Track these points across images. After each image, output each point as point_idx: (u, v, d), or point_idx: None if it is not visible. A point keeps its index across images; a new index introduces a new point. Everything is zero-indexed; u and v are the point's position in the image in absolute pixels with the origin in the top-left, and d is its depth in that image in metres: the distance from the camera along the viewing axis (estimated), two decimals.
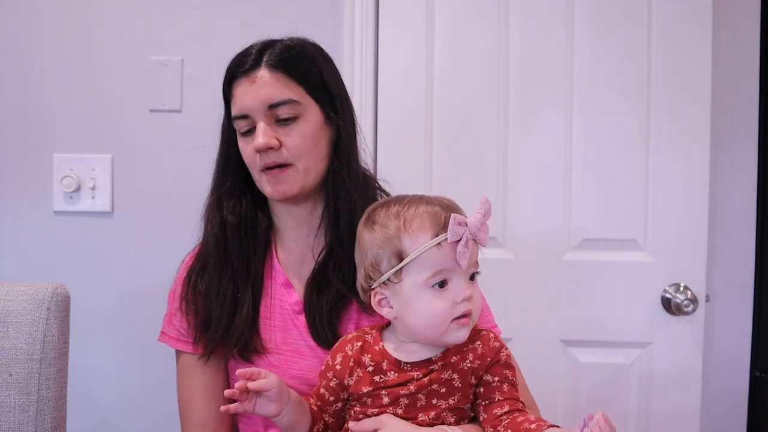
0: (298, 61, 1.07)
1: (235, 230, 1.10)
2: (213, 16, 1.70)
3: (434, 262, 0.89)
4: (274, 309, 1.11)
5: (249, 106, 1.05)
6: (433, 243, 0.88)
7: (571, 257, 1.66)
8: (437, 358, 0.92)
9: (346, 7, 1.68)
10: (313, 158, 1.07)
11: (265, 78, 1.04)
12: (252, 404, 0.91)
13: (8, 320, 1.08)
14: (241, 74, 1.06)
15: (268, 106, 1.04)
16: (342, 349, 0.97)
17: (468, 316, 0.90)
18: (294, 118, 1.05)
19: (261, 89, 1.04)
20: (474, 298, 0.91)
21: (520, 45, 1.66)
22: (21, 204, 1.71)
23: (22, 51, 1.70)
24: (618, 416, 1.65)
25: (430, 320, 0.90)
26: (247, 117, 1.06)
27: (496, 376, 0.92)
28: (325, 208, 1.10)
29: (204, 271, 1.11)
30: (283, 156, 1.05)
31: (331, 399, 0.97)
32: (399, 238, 0.90)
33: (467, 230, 0.88)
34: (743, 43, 1.69)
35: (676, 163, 1.63)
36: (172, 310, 1.14)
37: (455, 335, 0.90)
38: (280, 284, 1.12)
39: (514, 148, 1.66)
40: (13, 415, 1.06)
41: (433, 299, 0.89)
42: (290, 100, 1.04)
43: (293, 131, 1.05)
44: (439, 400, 0.91)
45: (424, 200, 0.93)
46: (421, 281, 0.89)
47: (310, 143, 1.06)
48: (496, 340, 0.95)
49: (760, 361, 1.71)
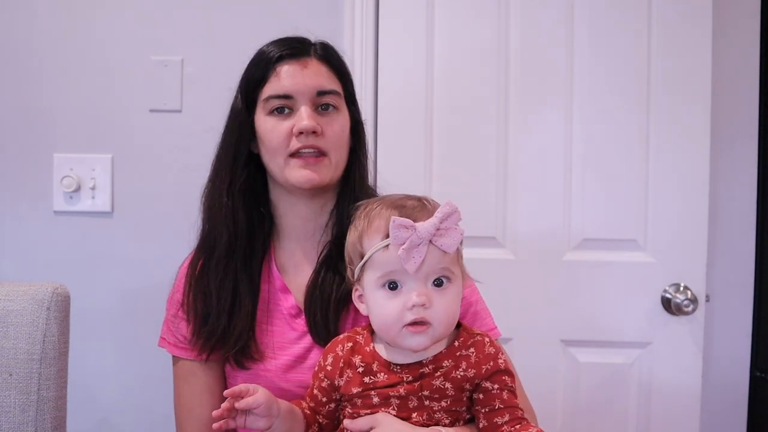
0: (341, 61, 1.12)
1: (237, 229, 1.09)
2: (213, 16, 1.70)
3: (383, 264, 0.88)
4: (271, 314, 1.11)
5: (298, 88, 1.06)
6: (380, 246, 0.88)
7: (571, 257, 1.66)
8: (428, 362, 0.90)
9: (346, 7, 1.68)
10: (343, 153, 1.09)
11: (315, 66, 1.08)
12: (243, 420, 0.91)
13: (8, 320, 1.08)
14: (290, 57, 1.07)
15: (318, 92, 1.06)
16: (333, 350, 0.97)
17: (421, 324, 0.86)
18: (333, 109, 1.08)
19: (312, 75, 1.07)
20: (435, 306, 0.87)
21: (520, 45, 1.66)
22: (21, 204, 1.71)
23: (22, 51, 1.70)
24: (618, 416, 1.66)
25: (382, 321, 0.89)
26: (290, 98, 1.06)
27: (495, 383, 0.89)
28: (335, 207, 1.11)
29: (205, 270, 1.10)
30: (322, 143, 1.05)
31: (324, 400, 0.96)
32: (361, 238, 0.91)
33: (414, 234, 0.85)
34: (743, 43, 1.69)
35: (676, 163, 1.63)
36: (170, 316, 1.14)
37: (409, 342, 0.87)
38: (278, 289, 1.12)
39: (514, 148, 1.66)
40: (13, 415, 1.06)
41: (383, 300, 0.89)
42: (336, 92, 1.08)
43: (334, 121, 1.07)
44: (432, 402, 0.90)
45: (399, 201, 0.92)
46: (373, 280, 0.89)
47: (345, 140, 1.09)
48: (492, 345, 0.92)
49: (760, 361, 1.71)
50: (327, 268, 1.08)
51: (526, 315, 1.64)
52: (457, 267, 0.90)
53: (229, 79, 1.15)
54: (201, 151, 1.20)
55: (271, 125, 1.06)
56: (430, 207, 0.91)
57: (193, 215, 1.16)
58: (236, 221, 1.09)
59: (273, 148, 1.06)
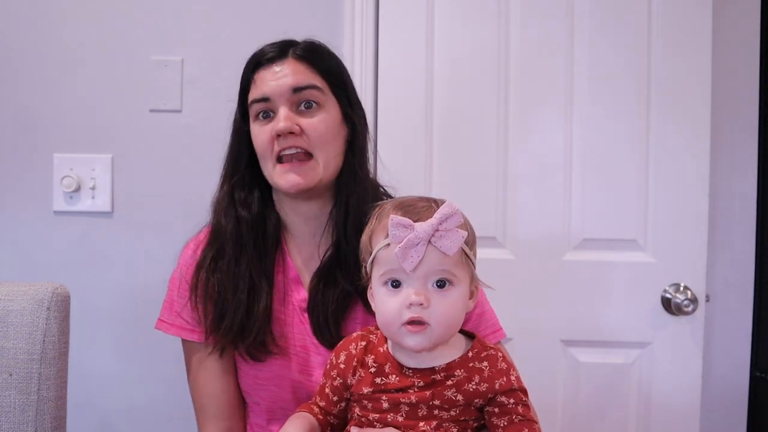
0: (323, 56, 1.10)
1: (247, 224, 1.10)
2: (213, 16, 1.70)
3: (385, 262, 0.89)
4: (286, 305, 1.11)
5: (272, 89, 1.05)
6: (382, 244, 0.89)
7: (571, 257, 1.66)
8: (440, 368, 0.90)
9: (346, 6, 1.67)
10: (332, 151, 1.07)
11: (292, 66, 1.07)
12: None
13: (8, 320, 1.08)
14: (267, 61, 1.08)
15: (293, 89, 1.05)
16: (346, 348, 0.97)
17: (419, 324, 0.87)
18: (316, 105, 1.06)
19: (286, 75, 1.06)
20: (433, 307, 0.87)
21: (520, 45, 1.66)
22: (21, 204, 1.71)
23: (22, 51, 1.70)
24: (618, 416, 1.65)
25: (384, 318, 0.90)
26: (268, 100, 1.06)
27: (510, 398, 0.90)
28: (335, 206, 1.10)
29: (218, 262, 1.09)
30: (304, 143, 1.05)
31: (335, 399, 0.97)
32: (371, 237, 0.92)
33: (412, 234, 0.86)
34: (743, 43, 1.69)
35: (676, 163, 1.63)
36: (174, 297, 1.12)
37: (407, 341, 0.88)
38: (291, 279, 1.12)
39: (514, 148, 1.66)
40: (13, 415, 1.06)
41: (385, 297, 0.90)
42: (314, 86, 1.06)
43: (315, 118, 1.06)
44: (441, 411, 0.90)
45: (408, 202, 0.93)
46: (377, 277, 0.91)
47: (330, 135, 1.07)
48: (504, 360, 0.92)
49: (760, 361, 1.71)
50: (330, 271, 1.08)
51: (526, 315, 1.64)
52: (461, 270, 0.89)
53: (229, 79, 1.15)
54: (201, 151, 1.21)
55: (257, 131, 1.08)
56: (436, 208, 0.90)
57: (193, 215, 1.16)
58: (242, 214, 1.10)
59: (261, 155, 1.08)
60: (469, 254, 0.91)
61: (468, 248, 0.90)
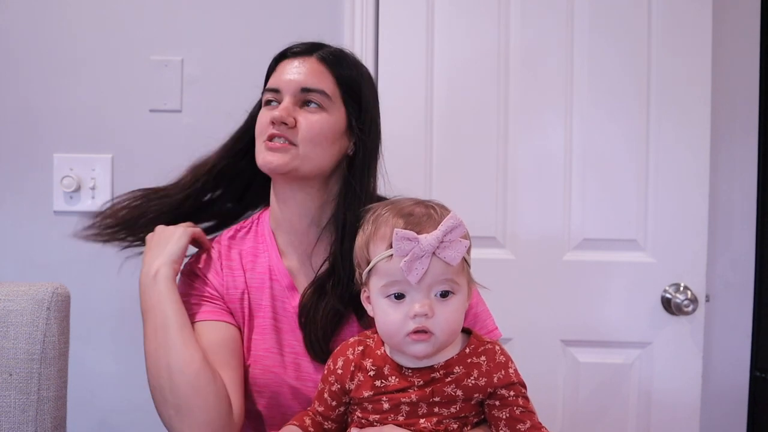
0: (346, 65, 1.11)
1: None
2: (213, 16, 1.70)
3: (387, 274, 0.89)
4: (284, 312, 1.11)
5: (284, 83, 1.08)
6: (384, 255, 0.89)
7: (571, 257, 1.66)
8: (439, 366, 0.91)
9: (346, 7, 1.67)
10: (319, 152, 1.08)
11: (311, 65, 1.09)
12: None
13: (8, 320, 1.08)
14: (292, 55, 1.11)
15: (302, 88, 1.07)
16: (343, 353, 0.97)
17: (423, 333, 0.87)
18: (319, 108, 1.08)
19: (301, 73, 1.08)
20: (437, 316, 0.87)
21: (520, 45, 1.66)
22: (21, 204, 1.71)
23: (22, 51, 1.70)
24: (618, 416, 1.65)
25: (387, 329, 0.90)
26: (278, 91, 1.08)
27: (511, 391, 0.91)
28: (332, 220, 1.10)
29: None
30: (292, 135, 1.06)
31: (334, 404, 0.97)
32: (368, 244, 0.91)
33: (417, 247, 0.85)
34: (743, 43, 1.69)
35: (676, 162, 1.63)
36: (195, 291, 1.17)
37: (412, 349, 0.88)
38: (285, 287, 1.12)
39: (514, 148, 1.66)
40: (13, 415, 1.06)
41: (388, 308, 0.89)
42: (322, 91, 1.08)
43: (314, 117, 1.07)
44: (441, 408, 0.90)
45: (407, 209, 0.92)
46: (378, 288, 0.90)
47: (323, 137, 1.08)
48: (502, 353, 0.93)
49: (760, 361, 1.71)
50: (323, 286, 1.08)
51: (526, 315, 1.64)
52: (462, 277, 0.90)
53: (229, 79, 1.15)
54: (201, 151, 1.21)
55: (261, 114, 1.11)
56: (436, 217, 0.90)
57: None
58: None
59: (257, 135, 1.11)
60: (468, 260, 0.92)
61: (467, 255, 0.91)
